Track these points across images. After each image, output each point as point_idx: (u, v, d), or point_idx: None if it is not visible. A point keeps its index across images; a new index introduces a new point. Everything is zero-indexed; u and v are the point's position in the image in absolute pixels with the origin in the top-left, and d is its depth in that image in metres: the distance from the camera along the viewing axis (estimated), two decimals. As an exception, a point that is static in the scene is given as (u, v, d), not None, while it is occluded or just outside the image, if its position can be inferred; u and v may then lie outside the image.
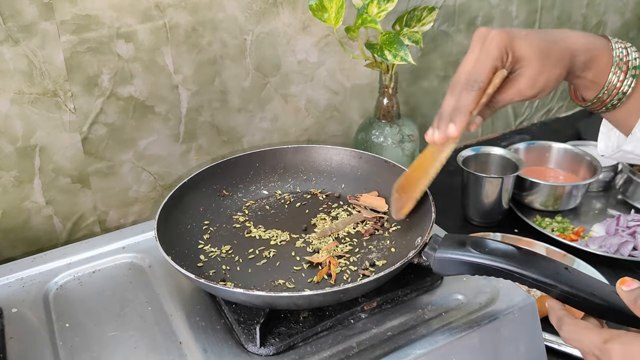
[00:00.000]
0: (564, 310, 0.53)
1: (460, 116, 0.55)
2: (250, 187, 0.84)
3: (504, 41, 0.55)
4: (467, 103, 0.55)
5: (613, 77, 0.58)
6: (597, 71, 0.59)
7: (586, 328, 0.49)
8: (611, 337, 0.47)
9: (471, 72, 0.55)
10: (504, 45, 0.55)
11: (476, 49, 0.56)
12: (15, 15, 0.76)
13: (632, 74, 0.58)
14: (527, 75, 0.56)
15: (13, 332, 0.65)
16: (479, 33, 0.57)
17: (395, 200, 0.72)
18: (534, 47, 0.56)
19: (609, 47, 0.59)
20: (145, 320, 0.66)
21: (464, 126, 0.56)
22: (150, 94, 0.89)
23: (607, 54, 0.59)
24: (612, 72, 0.58)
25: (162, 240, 0.66)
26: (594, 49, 0.58)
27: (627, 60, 0.58)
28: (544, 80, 0.57)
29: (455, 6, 1.14)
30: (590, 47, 0.58)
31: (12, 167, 0.83)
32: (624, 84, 0.58)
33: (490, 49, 0.55)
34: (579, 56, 0.58)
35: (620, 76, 0.58)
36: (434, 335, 0.61)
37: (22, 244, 0.88)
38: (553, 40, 0.57)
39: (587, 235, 0.99)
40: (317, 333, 0.62)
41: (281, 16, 0.96)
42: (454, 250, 0.60)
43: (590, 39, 0.59)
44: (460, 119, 0.55)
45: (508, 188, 1.00)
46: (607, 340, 0.46)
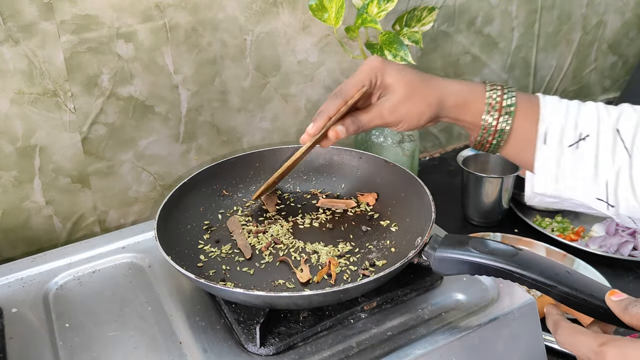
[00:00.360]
0: (560, 315, 0.53)
1: (320, 118, 0.63)
2: (250, 187, 0.84)
3: (378, 66, 0.63)
4: (329, 108, 0.62)
5: (487, 116, 0.62)
6: (472, 114, 0.63)
7: (582, 332, 0.49)
8: (606, 340, 0.47)
9: (342, 86, 0.64)
10: (377, 69, 0.63)
11: (357, 70, 0.64)
12: (15, 15, 0.76)
13: (507, 111, 0.62)
14: (389, 102, 0.63)
15: (13, 332, 0.65)
16: (367, 59, 0.65)
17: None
18: (403, 78, 0.62)
19: (484, 92, 0.63)
20: (145, 320, 0.66)
21: (321, 126, 0.62)
22: (150, 94, 0.89)
23: (480, 99, 0.63)
24: (485, 112, 0.62)
25: (162, 240, 0.66)
26: (466, 93, 0.63)
27: (501, 101, 0.62)
28: (405, 111, 0.62)
29: (455, 6, 1.14)
30: (461, 92, 0.63)
31: (12, 167, 0.83)
32: (500, 123, 0.62)
33: (364, 70, 0.63)
34: (448, 99, 0.63)
35: (494, 115, 0.62)
36: (434, 335, 0.61)
37: (22, 244, 0.88)
38: (424, 80, 0.63)
39: (587, 235, 0.99)
40: (317, 333, 0.62)
41: (281, 16, 0.96)
42: (454, 250, 0.60)
43: (463, 87, 0.64)
44: (320, 120, 0.62)
45: (508, 188, 1.00)
46: (602, 343, 0.47)
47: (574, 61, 1.40)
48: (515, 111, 0.62)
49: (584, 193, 0.60)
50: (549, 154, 0.61)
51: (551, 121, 0.61)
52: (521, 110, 0.62)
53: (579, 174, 0.60)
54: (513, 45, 1.27)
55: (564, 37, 1.35)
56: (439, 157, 1.27)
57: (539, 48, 1.32)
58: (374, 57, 0.64)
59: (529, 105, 0.62)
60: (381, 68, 0.63)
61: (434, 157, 1.27)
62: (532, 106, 0.62)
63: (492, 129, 0.62)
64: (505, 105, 0.62)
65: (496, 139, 0.63)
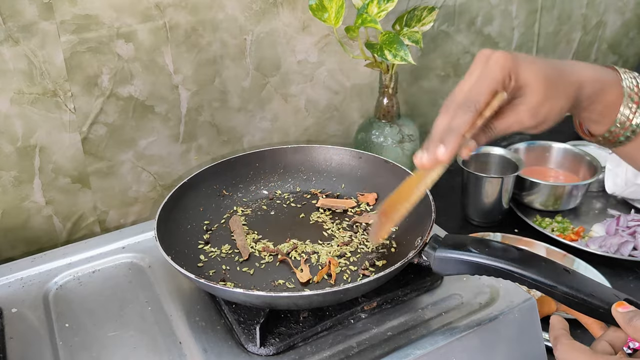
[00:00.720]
0: (563, 330, 0.52)
1: (452, 137, 0.50)
2: (250, 187, 0.84)
3: (508, 64, 0.52)
4: (461, 124, 0.51)
5: (625, 109, 0.55)
6: (606, 104, 0.56)
7: (580, 351, 0.48)
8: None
9: (469, 92, 0.52)
10: (508, 68, 0.52)
11: (477, 69, 0.53)
12: (15, 15, 0.76)
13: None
14: (529, 104, 0.53)
15: (13, 332, 0.64)
16: (482, 53, 0.53)
17: (376, 224, 0.63)
18: (540, 74, 0.52)
19: (618, 78, 0.56)
20: (145, 320, 0.66)
21: (456, 149, 0.51)
22: (150, 94, 0.89)
23: (616, 86, 0.55)
24: (623, 104, 0.55)
25: (162, 240, 0.66)
26: (602, 80, 0.55)
27: (638, 94, 0.55)
28: (546, 111, 0.53)
29: (455, 6, 1.14)
30: (598, 79, 0.55)
31: (12, 167, 0.83)
32: (636, 116, 0.55)
33: (493, 70, 0.51)
34: (586, 88, 0.55)
35: (633, 107, 0.55)
36: (434, 335, 0.61)
37: (22, 243, 0.88)
38: (560, 70, 0.54)
39: (587, 235, 0.99)
40: (317, 333, 0.62)
41: (281, 16, 0.96)
42: (454, 250, 0.60)
43: (598, 71, 0.56)
44: (452, 140, 0.50)
45: (508, 188, 1.00)
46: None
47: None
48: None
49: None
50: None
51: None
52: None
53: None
54: (513, 45, 1.27)
55: (564, 37, 1.35)
56: (439, 157, 1.27)
57: (539, 48, 1.32)
58: (501, 55, 0.52)
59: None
60: (514, 65, 0.51)
61: (434, 157, 1.27)
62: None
63: (627, 122, 0.55)
64: None
65: (628, 132, 0.56)
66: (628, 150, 0.58)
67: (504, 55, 0.51)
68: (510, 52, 0.52)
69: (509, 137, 1.34)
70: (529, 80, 0.52)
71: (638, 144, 0.57)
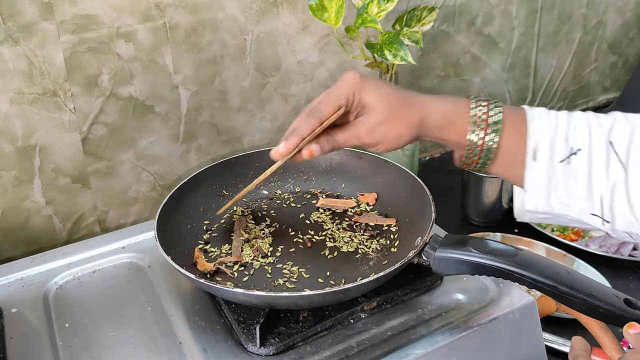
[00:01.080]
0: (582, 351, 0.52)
1: (293, 138, 0.60)
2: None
3: (355, 83, 0.59)
4: (303, 128, 0.59)
5: (472, 136, 0.59)
6: (457, 133, 0.60)
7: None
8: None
9: (318, 104, 0.60)
10: (355, 88, 0.59)
11: (333, 85, 0.60)
12: (15, 15, 0.76)
13: (493, 129, 0.58)
14: (367, 123, 0.60)
15: (13, 332, 0.65)
16: (344, 74, 0.60)
17: None
18: (382, 98, 0.59)
19: (468, 108, 0.59)
20: (145, 320, 0.66)
21: (293, 147, 0.60)
22: (150, 94, 0.89)
23: (464, 117, 0.59)
24: (469, 131, 0.59)
25: (162, 240, 0.66)
26: (450, 112, 0.60)
27: (487, 118, 0.58)
28: (383, 132, 0.59)
29: (455, 6, 1.14)
30: (445, 112, 0.60)
31: (12, 167, 0.83)
32: (487, 141, 0.58)
33: (341, 88, 0.59)
34: (430, 120, 0.60)
35: (480, 134, 0.58)
36: (434, 335, 0.61)
37: (22, 243, 0.88)
38: (405, 100, 0.60)
39: (587, 235, 0.99)
40: (317, 333, 0.62)
41: (281, 16, 0.96)
42: (454, 249, 0.60)
43: (447, 105, 0.60)
44: (292, 140, 0.59)
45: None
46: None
47: (574, 61, 1.40)
48: (502, 128, 0.58)
49: (577, 209, 0.57)
50: (539, 171, 0.57)
51: (540, 136, 0.57)
52: (508, 126, 0.58)
53: (572, 190, 0.57)
54: (513, 45, 1.27)
55: (564, 37, 1.35)
56: (439, 157, 1.27)
57: (539, 48, 1.32)
58: (352, 74, 0.60)
59: (516, 119, 0.59)
60: (359, 86, 0.59)
61: (434, 157, 1.27)
62: (519, 120, 0.58)
63: (477, 148, 0.59)
64: (491, 122, 0.58)
65: (482, 158, 0.59)
66: (501, 172, 0.61)
67: (355, 76, 0.60)
68: (363, 75, 0.60)
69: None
70: (370, 101, 0.59)
71: (500, 165, 0.60)
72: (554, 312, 0.75)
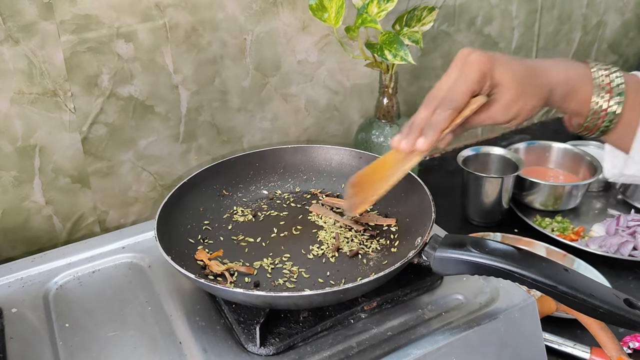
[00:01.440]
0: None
1: (432, 132, 0.56)
2: (250, 187, 0.84)
3: (485, 66, 0.56)
4: (441, 120, 0.56)
5: (597, 98, 0.58)
6: (578, 101, 0.59)
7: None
8: None
9: (449, 91, 0.56)
10: (485, 69, 0.56)
11: (456, 68, 0.57)
12: (15, 15, 0.76)
13: (617, 91, 0.58)
14: (501, 101, 0.57)
15: (13, 332, 0.64)
16: (461, 52, 0.58)
17: (350, 195, 0.69)
18: (514, 75, 0.57)
19: (589, 74, 0.59)
20: (145, 320, 0.66)
21: (434, 141, 0.57)
22: (150, 94, 0.89)
23: (587, 82, 0.59)
24: (594, 94, 0.58)
25: (162, 240, 0.66)
26: (574, 80, 0.59)
27: (610, 82, 0.58)
28: (517, 109, 0.58)
29: (455, 6, 1.14)
30: (569, 79, 0.59)
31: (12, 167, 0.83)
32: (611, 105, 0.58)
33: (471, 72, 0.56)
34: (557, 89, 0.59)
35: (605, 97, 0.58)
36: (434, 335, 0.61)
37: (22, 244, 0.88)
38: (533, 71, 0.58)
39: (587, 235, 0.99)
40: (317, 333, 0.62)
41: (281, 16, 0.96)
42: (454, 249, 0.60)
43: (570, 72, 0.59)
44: (432, 134, 0.56)
45: (508, 188, 1.00)
46: None
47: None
48: (625, 90, 0.57)
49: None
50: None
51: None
52: (630, 91, 0.57)
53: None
54: (513, 45, 1.27)
55: (564, 37, 1.35)
56: (439, 157, 1.27)
57: (539, 48, 1.32)
58: (478, 56, 0.56)
59: (636, 85, 0.58)
60: (489, 67, 0.56)
61: (434, 157, 1.27)
62: (638, 87, 0.58)
63: (602, 112, 0.58)
64: (614, 85, 0.57)
65: (605, 122, 0.58)
66: (615, 139, 0.61)
67: (481, 56, 0.56)
68: (487, 53, 0.57)
69: (508, 137, 1.34)
70: (503, 80, 0.56)
71: (621, 132, 0.59)
72: (554, 312, 0.75)
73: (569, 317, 0.76)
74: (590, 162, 1.09)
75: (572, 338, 0.76)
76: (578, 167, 1.12)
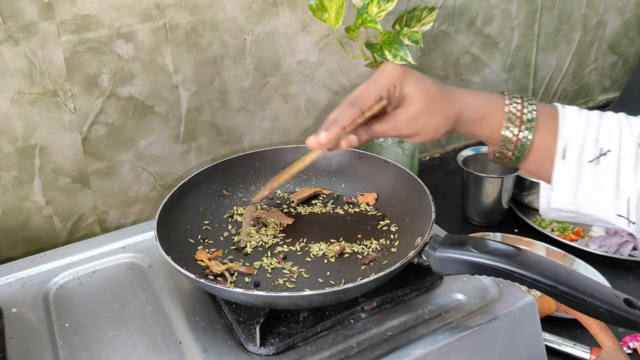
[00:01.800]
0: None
1: (334, 127, 0.59)
2: (250, 187, 0.84)
3: (396, 76, 0.59)
4: (344, 118, 0.59)
5: (505, 132, 0.59)
6: (490, 128, 0.60)
7: None
8: None
9: (359, 94, 0.60)
10: (395, 79, 0.59)
11: (373, 77, 0.61)
12: (15, 15, 0.76)
13: (527, 126, 0.59)
14: (406, 114, 0.60)
15: (13, 332, 0.64)
16: (382, 65, 0.61)
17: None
18: (422, 90, 0.59)
19: (503, 104, 0.60)
20: (145, 320, 0.66)
21: (334, 136, 0.59)
22: (150, 94, 0.89)
23: (499, 111, 0.60)
24: (503, 127, 0.59)
25: (162, 240, 0.66)
26: (485, 107, 0.60)
27: (521, 115, 0.59)
28: (421, 123, 0.60)
29: (455, 6, 1.14)
30: (480, 106, 0.60)
31: (12, 167, 0.83)
32: (520, 138, 0.59)
33: (381, 79, 0.60)
34: (466, 113, 0.60)
35: (514, 130, 0.59)
36: (434, 335, 0.61)
37: (22, 244, 0.88)
38: (444, 93, 0.60)
39: (587, 235, 0.99)
40: (317, 333, 0.62)
41: (281, 16, 0.96)
42: (454, 249, 0.60)
43: (482, 100, 0.61)
44: (333, 130, 0.59)
45: (508, 188, 1.00)
46: None
47: (574, 61, 1.40)
48: (536, 125, 0.59)
49: (603, 209, 0.58)
50: (567, 170, 0.58)
51: (570, 136, 0.58)
52: (542, 123, 0.59)
53: (599, 190, 0.58)
54: (513, 45, 1.27)
55: (564, 37, 1.35)
56: (439, 157, 1.27)
57: (539, 48, 1.32)
58: (393, 66, 0.60)
59: (550, 117, 0.59)
60: (401, 77, 0.60)
61: (434, 157, 1.27)
62: (552, 119, 0.59)
63: (511, 144, 0.60)
64: (525, 119, 0.59)
65: (516, 154, 0.60)
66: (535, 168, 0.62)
67: (395, 68, 0.60)
68: (403, 67, 0.60)
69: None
70: (411, 93, 0.59)
71: (532, 162, 0.61)
72: (554, 312, 0.75)
73: (569, 317, 0.76)
74: (590, 162, 1.09)
75: (572, 338, 0.76)
76: (578, 167, 1.12)
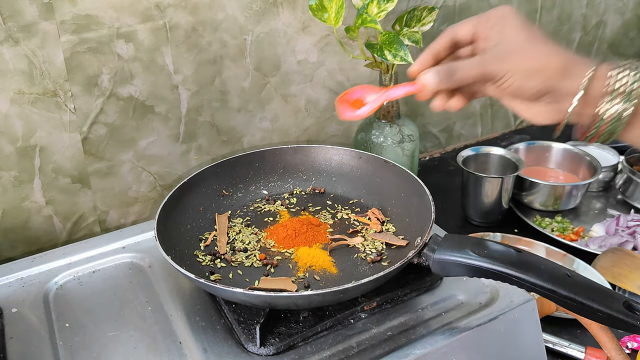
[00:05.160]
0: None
1: (424, 54, 0.60)
2: (250, 187, 0.84)
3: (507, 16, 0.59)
4: (434, 44, 0.61)
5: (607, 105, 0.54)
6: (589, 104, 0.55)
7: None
8: None
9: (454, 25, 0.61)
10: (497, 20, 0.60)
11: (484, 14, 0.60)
12: (15, 15, 0.76)
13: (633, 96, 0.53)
14: (499, 47, 0.57)
15: (13, 332, 0.65)
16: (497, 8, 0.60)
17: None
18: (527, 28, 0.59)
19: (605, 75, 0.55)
20: (145, 320, 0.66)
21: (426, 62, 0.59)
22: (150, 94, 0.89)
23: (601, 81, 0.55)
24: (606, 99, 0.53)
25: (162, 240, 0.66)
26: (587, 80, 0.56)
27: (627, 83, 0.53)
28: (516, 61, 0.56)
29: (455, 6, 1.14)
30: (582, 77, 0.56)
31: (12, 167, 0.83)
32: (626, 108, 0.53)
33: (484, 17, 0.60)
34: (572, 79, 0.57)
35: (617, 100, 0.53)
36: (433, 335, 0.61)
37: (22, 243, 0.88)
38: (555, 44, 0.58)
39: (587, 235, 0.99)
40: (317, 333, 0.62)
41: (281, 16, 0.96)
42: (452, 252, 0.60)
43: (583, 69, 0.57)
44: (423, 55, 0.59)
45: (508, 188, 1.00)
46: None
47: (574, 61, 1.40)
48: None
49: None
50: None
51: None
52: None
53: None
54: (513, 45, 1.27)
55: (564, 37, 1.35)
56: (439, 157, 1.27)
57: (539, 48, 1.32)
58: (503, 7, 0.57)
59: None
60: (509, 18, 0.56)
61: (434, 157, 1.27)
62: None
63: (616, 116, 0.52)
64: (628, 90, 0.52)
65: (611, 125, 0.53)
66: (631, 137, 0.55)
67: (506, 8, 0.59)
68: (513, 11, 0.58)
69: (508, 137, 1.34)
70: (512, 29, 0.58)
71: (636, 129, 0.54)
72: (554, 312, 0.75)
73: (568, 317, 0.76)
74: (590, 162, 1.09)
75: (572, 338, 0.76)
76: (578, 167, 1.12)
